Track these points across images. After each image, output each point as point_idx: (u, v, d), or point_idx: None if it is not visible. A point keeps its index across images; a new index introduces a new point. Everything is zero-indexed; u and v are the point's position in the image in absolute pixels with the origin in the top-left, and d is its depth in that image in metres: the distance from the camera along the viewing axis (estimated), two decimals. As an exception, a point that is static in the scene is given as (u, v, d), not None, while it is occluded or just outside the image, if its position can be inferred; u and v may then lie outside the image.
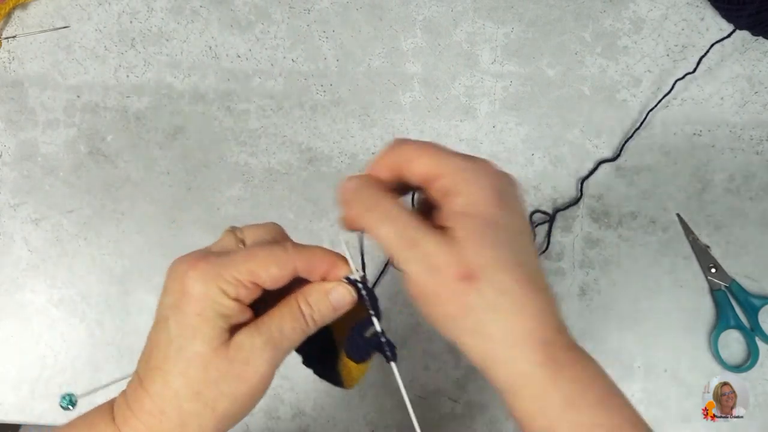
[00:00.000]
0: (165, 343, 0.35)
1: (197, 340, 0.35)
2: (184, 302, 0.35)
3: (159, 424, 0.35)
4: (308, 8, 0.66)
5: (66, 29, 0.66)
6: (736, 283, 0.62)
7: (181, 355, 0.35)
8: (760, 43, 0.64)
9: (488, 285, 0.34)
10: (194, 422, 0.35)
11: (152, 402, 0.35)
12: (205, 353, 0.35)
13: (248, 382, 0.36)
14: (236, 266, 0.35)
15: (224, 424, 0.36)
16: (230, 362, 0.35)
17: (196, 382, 0.35)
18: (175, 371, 0.35)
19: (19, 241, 0.64)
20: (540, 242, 0.63)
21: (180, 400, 0.35)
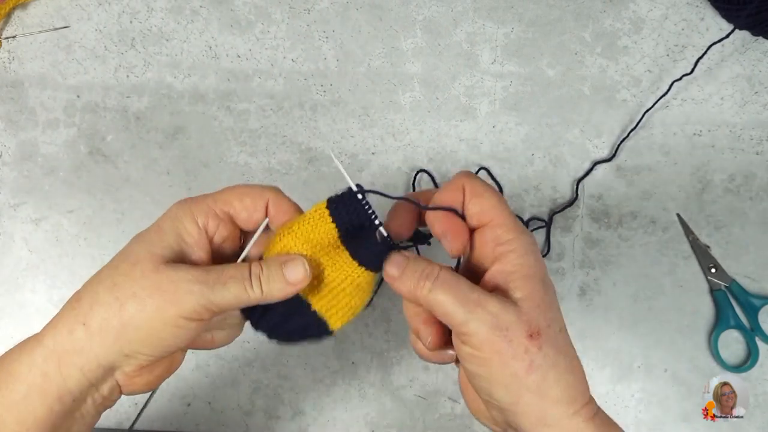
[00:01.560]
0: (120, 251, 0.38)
1: (142, 243, 0.37)
2: (156, 221, 0.38)
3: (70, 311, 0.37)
4: (308, 8, 0.66)
5: (66, 29, 0.66)
6: (736, 283, 0.62)
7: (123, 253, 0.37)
8: (760, 43, 0.64)
9: (550, 345, 0.35)
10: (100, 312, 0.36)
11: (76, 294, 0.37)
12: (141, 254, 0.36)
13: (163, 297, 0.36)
14: (214, 196, 0.38)
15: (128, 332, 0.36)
16: (157, 272, 0.36)
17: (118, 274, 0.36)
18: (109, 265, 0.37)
19: (19, 241, 0.64)
20: (540, 246, 0.63)
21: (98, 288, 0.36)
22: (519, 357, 0.35)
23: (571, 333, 0.37)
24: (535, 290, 0.36)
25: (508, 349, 0.35)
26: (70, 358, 0.36)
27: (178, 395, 0.63)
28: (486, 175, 0.64)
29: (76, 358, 0.36)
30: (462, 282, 0.37)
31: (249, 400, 0.63)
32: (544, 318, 0.36)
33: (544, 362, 0.35)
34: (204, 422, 0.63)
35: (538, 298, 0.36)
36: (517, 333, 0.35)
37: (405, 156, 0.64)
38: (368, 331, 0.63)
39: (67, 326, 0.36)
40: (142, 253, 0.36)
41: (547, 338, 0.35)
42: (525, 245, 0.37)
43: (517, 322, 0.35)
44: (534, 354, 0.35)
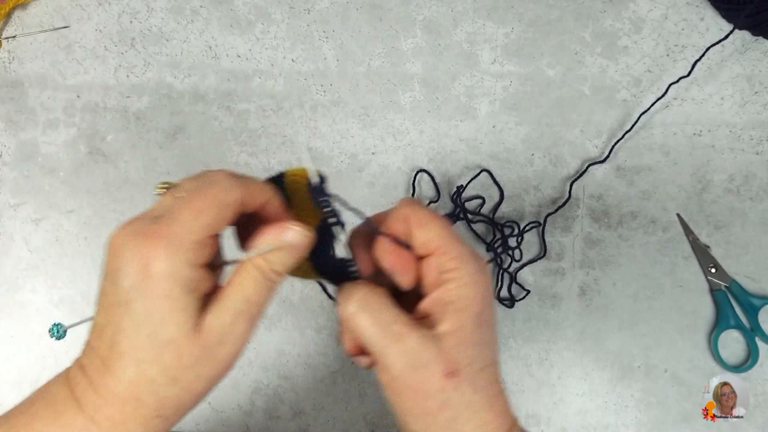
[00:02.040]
0: (132, 328, 0.33)
1: (169, 326, 0.33)
2: (148, 285, 0.33)
3: (135, 410, 0.34)
4: (308, 8, 0.66)
5: (66, 29, 0.66)
6: (736, 283, 0.62)
7: (153, 342, 0.33)
8: (760, 43, 0.64)
9: (467, 383, 0.35)
10: (172, 405, 0.34)
11: (126, 389, 0.34)
12: (178, 339, 0.33)
13: (224, 361, 0.35)
14: (189, 228, 0.33)
15: (200, 399, 0.35)
16: (203, 347, 0.34)
17: (171, 368, 0.33)
18: (148, 359, 0.33)
19: (19, 241, 0.64)
20: (537, 246, 0.63)
21: (156, 386, 0.33)
22: (432, 396, 0.35)
23: (571, 334, 0.37)
24: (463, 325, 0.36)
25: (422, 388, 0.35)
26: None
27: (178, 395, 0.63)
28: (487, 176, 0.64)
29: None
30: (387, 310, 0.36)
31: (249, 400, 0.63)
32: (466, 355, 0.35)
33: (459, 401, 0.35)
34: (204, 422, 0.63)
35: (464, 333, 0.35)
36: (434, 371, 0.35)
37: (405, 156, 0.64)
38: (368, 331, 0.63)
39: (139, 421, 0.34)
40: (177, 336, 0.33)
41: (466, 376, 0.35)
42: (468, 275, 0.36)
43: (436, 359, 0.35)
44: (449, 393, 0.35)
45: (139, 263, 0.33)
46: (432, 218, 0.38)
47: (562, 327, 0.63)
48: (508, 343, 0.62)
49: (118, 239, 0.34)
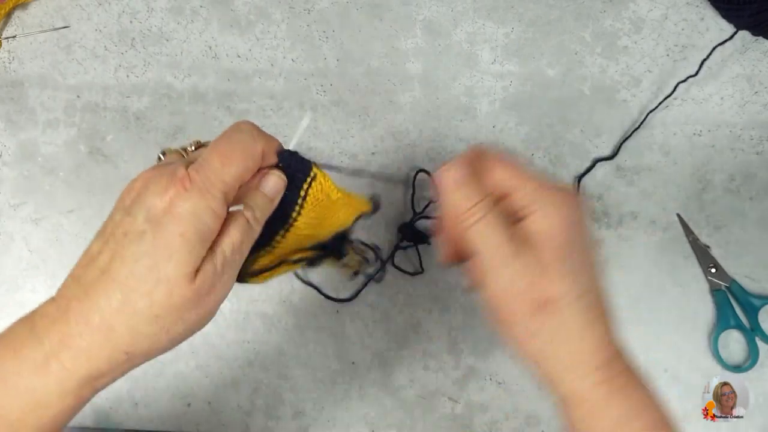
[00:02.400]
0: (132, 257, 0.33)
1: (172, 263, 0.33)
2: (167, 221, 0.33)
3: (106, 340, 0.33)
4: (308, 8, 0.66)
5: (66, 29, 0.66)
6: (736, 283, 0.62)
7: (151, 274, 0.33)
8: (760, 43, 0.64)
9: (559, 312, 0.36)
10: (145, 342, 0.34)
11: (103, 317, 0.33)
12: (175, 278, 0.33)
13: (207, 307, 0.35)
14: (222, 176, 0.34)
15: (173, 344, 0.35)
16: (194, 290, 0.33)
17: (158, 305, 0.33)
18: (140, 290, 0.33)
19: (19, 241, 0.64)
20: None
21: (137, 319, 0.33)
22: (526, 320, 0.36)
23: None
24: (552, 255, 0.36)
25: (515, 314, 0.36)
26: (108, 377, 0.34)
27: (178, 395, 0.63)
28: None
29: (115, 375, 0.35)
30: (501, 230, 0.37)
31: (249, 400, 0.63)
32: (560, 285, 0.36)
33: (549, 328, 0.36)
34: (204, 422, 0.63)
35: (556, 263, 0.36)
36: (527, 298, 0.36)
37: (405, 156, 0.64)
38: (368, 331, 0.63)
39: (105, 354, 0.33)
40: (175, 275, 0.33)
41: (558, 307, 0.36)
42: (544, 207, 0.36)
43: (529, 288, 0.36)
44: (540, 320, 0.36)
45: (165, 199, 0.33)
46: (496, 162, 0.38)
47: (562, 327, 0.63)
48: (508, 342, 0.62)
49: (146, 174, 0.34)
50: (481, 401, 0.62)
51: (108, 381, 0.35)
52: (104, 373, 0.34)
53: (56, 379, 0.33)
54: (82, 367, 0.33)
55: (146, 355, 0.35)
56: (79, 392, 0.34)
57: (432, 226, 0.40)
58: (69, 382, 0.33)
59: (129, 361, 0.34)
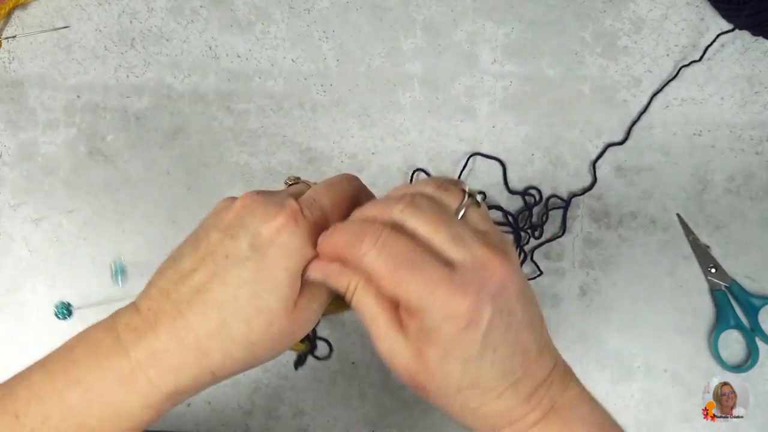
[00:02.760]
0: (234, 282, 0.33)
1: (275, 296, 0.33)
2: (274, 251, 0.33)
3: (197, 361, 0.33)
4: (308, 8, 0.66)
5: (66, 29, 0.66)
6: (736, 283, 0.62)
7: (252, 303, 0.32)
8: (760, 43, 0.64)
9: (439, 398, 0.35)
10: (234, 367, 0.34)
11: (196, 337, 0.33)
12: (277, 310, 0.33)
13: (296, 336, 0.35)
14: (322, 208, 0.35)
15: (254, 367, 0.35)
16: (290, 324, 0.34)
17: (255, 334, 0.33)
18: (240, 316, 0.33)
19: (19, 241, 0.64)
20: (556, 228, 0.63)
21: (232, 345, 0.33)
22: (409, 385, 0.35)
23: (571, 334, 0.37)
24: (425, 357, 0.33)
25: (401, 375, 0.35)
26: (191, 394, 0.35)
27: (178, 395, 0.63)
28: (486, 172, 0.64)
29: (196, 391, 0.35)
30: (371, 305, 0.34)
31: (249, 400, 0.63)
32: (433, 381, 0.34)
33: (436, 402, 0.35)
34: (204, 422, 0.63)
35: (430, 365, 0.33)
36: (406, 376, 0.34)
37: (405, 156, 0.64)
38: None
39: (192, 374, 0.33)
40: (277, 308, 0.33)
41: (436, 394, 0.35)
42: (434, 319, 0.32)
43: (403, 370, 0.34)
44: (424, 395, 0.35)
45: (271, 229, 0.33)
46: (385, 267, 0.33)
47: (562, 327, 0.63)
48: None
49: (251, 197, 0.34)
50: (481, 401, 0.62)
51: (188, 397, 0.35)
52: (188, 390, 0.34)
53: (141, 392, 0.33)
54: (168, 384, 0.33)
55: (229, 376, 0.35)
56: (161, 406, 0.34)
57: None
58: (153, 396, 0.33)
59: (213, 381, 0.35)
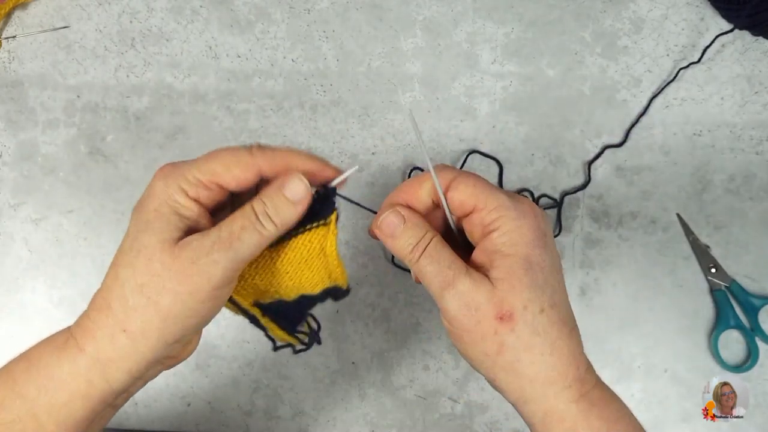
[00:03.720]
0: (123, 240, 0.36)
1: (148, 233, 0.35)
2: (146, 200, 0.36)
3: (105, 318, 0.35)
4: (308, 8, 0.66)
5: (66, 29, 0.66)
6: (736, 283, 0.62)
7: (132, 247, 0.35)
8: (760, 43, 0.64)
9: (524, 326, 0.35)
10: (137, 316, 0.35)
11: (102, 297, 0.36)
12: (152, 245, 0.35)
13: (193, 280, 0.35)
14: (198, 167, 0.36)
15: (169, 324, 0.35)
16: (175, 258, 0.35)
17: (140, 273, 0.35)
18: (123, 263, 0.35)
19: (19, 241, 0.64)
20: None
21: (125, 291, 0.35)
22: (489, 338, 0.35)
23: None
24: (512, 270, 0.36)
25: (477, 330, 0.36)
26: (117, 364, 0.35)
27: (178, 395, 0.63)
28: (485, 171, 0.64)
29: (123, 363, 0.35)
30: (445, 256, 0.37)
31: (249, 400, 0.63)
32: (520, 299, 0.35)
33: (516, 343, 0.35)
34: (204, 422, 0.63)
35: (515, 278, 0.35)
36: (486, 314, 0.35)
37: (405, 156, 0.64)
38: (368, 331, 0.63)
39: (106, 334, 0.35)
40: (153, 244, 0.35)
41: (522, 320, 0.35)
42: (508, 222, 0.36)
43: (487, 303, 0.35)
44: (505, 335, 0.35)
45: (148, 186, 0.37)
46: (459, 179, 0.38)
47: (562, 327, 0.63)
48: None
49: None
50: (481, 401, 0.62)
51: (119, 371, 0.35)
52: (111, 358, 0.35)
53: (69, 357, 0.35)
54: (88, 346, 0.35)
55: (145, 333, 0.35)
56: (89, 375, 0.35)
57: None
58: (79, 361, 0.35)
59: (131, 339, 0.35)
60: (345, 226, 0.63)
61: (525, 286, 0.35)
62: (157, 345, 0.35)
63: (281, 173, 0.37)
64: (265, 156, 0.37)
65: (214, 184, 0.36)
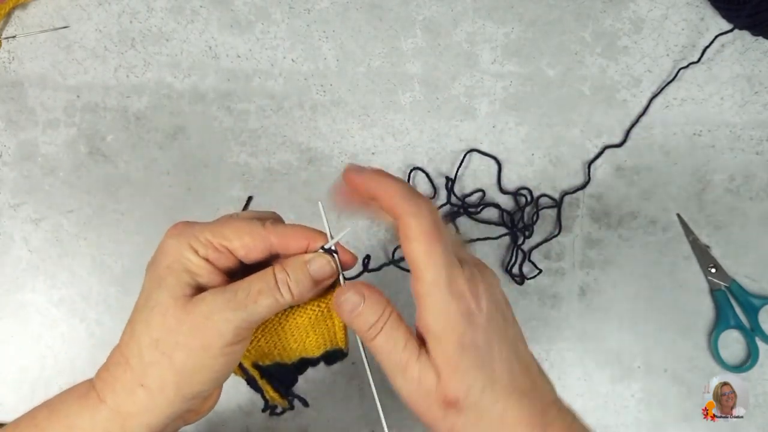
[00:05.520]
0: (139, 297, 0.37)
1: (162, 290, 0.36)
2: (159, 257, 0.37)
3: (123, 373, 0.36)
4: (308, 8, 0.66)
5: (66, 29, 0.66)
6: (736, 283, 0.62)
7: (147, 304, 0.36)
8: (760, 43, 0.64)
9: (469, 408, 0.35)
10: (154, 372, 0.35)
11: (120, 353, 0.36)
12: (166, 302, 0.35)
13: (205, 335, 0.35)
14: (210, 229, 0.37)
15: (185, 378, 0.36)
16: (188, 313, 0.35)
17: (155, 329, 0.35)
18: (139, 319, 0.36)
19: (19, 241, 0.64)
20: (551, 227, 0.63)
21: (141, 347, 0.36)
22: (439, 421, 0.36)
23: (571, 334, 0.37)
24: (447, 356, 0.35)
25: (429, 414, 0.36)
26: (137, 418, 0.36)
27: (178, 395, 0.63)
28: (484, 171, 0.64)
29: (143, 418, 0.36)
30: (400, 335, 0.36)
31: (249, 400, 0.63)
32: (461, 383, 0.35)
33: (466, 424, 0.35)
34: (204, 422, 0.63)
35: (452, 364, 0.35)
36: (435, 400, 0.35)
37: (405, 156, 0.64)
38: (368, 331, 0.63)
39: (125, 388, 0.36)
40: (165, 299, 0.36)
41: (467, 403, 0.35)
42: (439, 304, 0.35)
43: (435, 390, 0.35)
44: (453, 419, 0.35)
45: (161, 243, 0.38)
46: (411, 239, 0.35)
47: (563, 327, 0.63)
48: None
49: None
50: (481, 401, 0.62)
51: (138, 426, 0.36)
52: (131, 413, 0.36)
53: (90, 408, 0.36)
54: (108, 398, 0.36)
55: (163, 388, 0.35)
56: (108, 426, 0.36)
57: None
58: (100, 413, 0.36)
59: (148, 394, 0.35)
60: (345, 227, 0.63)
61: (463, 371, 0.35)
62: (175, 400, 0.36)
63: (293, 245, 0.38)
64: (277, 232, 0.38)
65: (224, 248, 0.37)
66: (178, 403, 0.36)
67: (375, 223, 0.63)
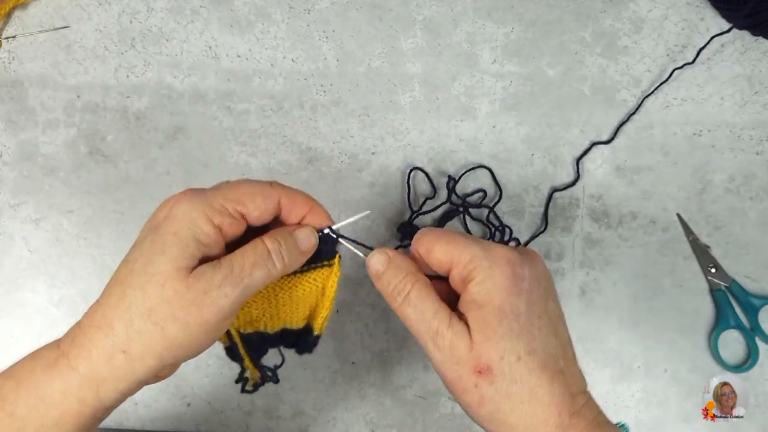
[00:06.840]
0: (133, 259, 0.35)
1: (164, 257, 0.35)
2: (165, 222, 0.35)
3: (104, 338, 0.34)
4: (308, 8, 0.66)
5: (66, 29, 0.66)
6: (736, 283, 0.62)
7: (145, 269, 0.35)
8: (760, 43, 0.64)
9: (502, 377, 0.35)
10: (140, 341, 0.34)
11: (102, 315, 0.35)
12: (167, 271, 0.34)
13: (203, 311, 0.35)
14: (224, 194, 0.37)
15: (172, 351, 0.35)
16: (188, 287, 0.34)
17: (150, 298, 0.34)
18: (134, 284, 0.35)
19: (19, 241, 0.64)
20: (554, 228, 0.63)
21: (131, 314, 0.34)
22: (470, 391, 0.36)
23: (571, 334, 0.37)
24: (486, 321, 0.36)
25: (459, 383, 0.36)
26: (111, 384, 0.35)
27: (178, 395, 0.63)
28: (487, 174, 0.64)
29: (118, 383, 0.35)
30: (429, 303, 0.37)
31: (249, 400, 0.63)
32: (496, 350, 0.35)
33: (495, 395, 0.35)
34: (204, 422, 0.63)
35: (489, 329, 0.36)
36: (466, 368, 0.36)
37: (405, 156, 0.64)
38: (368, 331, 0.63)
39: (103, 354, 0.34)
40: (167, 268, 0.34)
41: (500, 371, 0.35)
42: (482, 272, 0.37)
43: (467, 356, 0.36)
44: (484, 389, 0.35)
45: (168, 208, 0.36)
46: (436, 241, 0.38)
47: (562, 327, 0.63)
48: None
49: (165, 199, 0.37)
50: (481, 401, 0.62)
51: (113, 391, 0.35)
52: (106, 378, 0.35)
53: (61, 376, 0.35)
54: (82, 365, 0.34)
55: (144, 356, 0.35)
56: (81, 394, 0.35)
57: None
58: (72, 380, 0.34)
59: (129, 360, 0.34)
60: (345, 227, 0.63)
61: (500, 337, 0.36)
62: (154, 368, 0.35)
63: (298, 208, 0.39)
64: (285, 192, 0.38)
65: (238, 213, 0.37)
66: (155, 370, 0.35)
67: (375, 224, 0.63)
